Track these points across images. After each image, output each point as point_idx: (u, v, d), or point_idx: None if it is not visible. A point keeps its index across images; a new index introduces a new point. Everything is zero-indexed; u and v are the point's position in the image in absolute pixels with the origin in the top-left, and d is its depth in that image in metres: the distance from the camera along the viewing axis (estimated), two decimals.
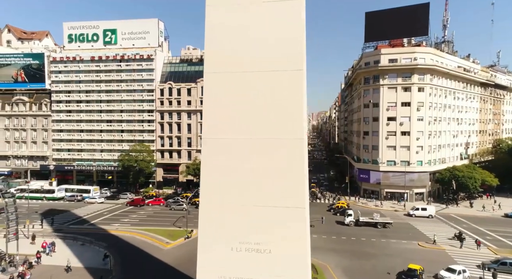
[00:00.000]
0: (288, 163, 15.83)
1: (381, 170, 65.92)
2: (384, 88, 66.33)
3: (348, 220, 49.05)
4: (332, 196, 70.77)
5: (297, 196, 15.72)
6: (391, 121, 65.97)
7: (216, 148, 16.42)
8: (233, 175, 16.25)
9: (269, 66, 15.86)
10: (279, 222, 15.84)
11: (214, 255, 16.29)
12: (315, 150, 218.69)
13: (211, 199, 16.46)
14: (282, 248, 15.80)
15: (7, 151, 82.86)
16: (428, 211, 55.30)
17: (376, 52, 68.44)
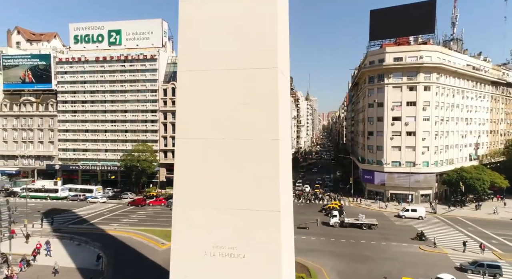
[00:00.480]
0: (262, 165, 15.23)
1: (385, 171, 64.59)
2: (389, 87, 64.96)
3: (333, 221, 48.18)
4: (333, 197, 69.58)
5: (271, 199, 15.10)
6: (396, 121, 64.58)
7: (189, 149, 15.92)
8: (207, 177, 15.73)
9: (244, 64, 15.29)
10: (253, 226, 15.26)
11: (188, 259, 15.79)
12: (324, 151, 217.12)
13: (184, 202, 15.98)
14: (256, 253, 15.20)
15: (15, 150, 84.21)
16: (418, 212, 54.10)
17: (380, 51, 67.12)
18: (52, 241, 38.90)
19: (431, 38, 69.98)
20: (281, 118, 15.53)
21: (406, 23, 66.45)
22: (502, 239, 43.86)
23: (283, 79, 16.17)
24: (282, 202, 15.47)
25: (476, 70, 76.46)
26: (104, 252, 35.79)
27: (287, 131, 17.98)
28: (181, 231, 16.01)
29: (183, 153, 16.04)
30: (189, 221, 15.90)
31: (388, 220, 52.67)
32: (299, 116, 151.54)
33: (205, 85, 15.71)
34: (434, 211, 58.14)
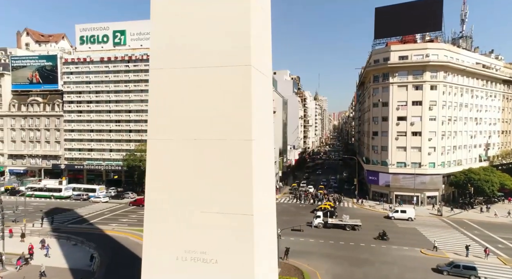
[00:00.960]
0: (235, 166, 14.65)
1: (390, 172, 63.20)
2: (394, 86, 63.53)
3: (316, 222, 47.51)
4: (332, 197, 68.37)
5: (244, 202, 14.51)
6: (401, 121, 63.12)
7: (161, 149, 15.45)
8: (180, 179, 15.23)
9: (216, 61, 14.74)
10: (225, 230, 14.69)
11: (159, 264, 15.32)
12: (333, 151, 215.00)
13: (156, 204, 15.51)
14: (228, 258, 14.63)
15: (23, 150, 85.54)
16: (408, 213, 53.24)
17: (385, 49, 65.74)
18: (49, 240, 39.12)
19: (439, 36, 68.27)
20: (255, 118, 14.90)
21: (412, 20, 64.95)
22: (509, 243, 42.28)
23: (258, 78, 15.54)
24: (256, 206, 14.85)
25: (486, 68, 74.24)
26: (99, 253, 35.70)
27: (266, 131, 17.31)
28: (152, 234, 15.55)
29: (154, 154, 15.58)
30: (160, 224, 15.42)
31: (391, 223, 51.41)
32: (306, 116, 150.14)
33: (177, 84, 15.22)
34: (440, 213, 56.56)
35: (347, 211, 59.03)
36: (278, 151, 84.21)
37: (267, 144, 17.69)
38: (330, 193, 71.92)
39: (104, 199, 63.26)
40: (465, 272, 31.08)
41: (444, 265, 32.68)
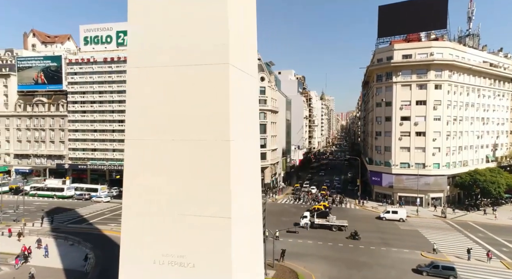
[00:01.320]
0: (213, 168, 14.23)
1: (393, 172, 62.19)
2: (397, 85, 62.51)
3: (303, 222, 47.17)
4: (332, 198, 67.53)
5: (222, 205, 14.08)
6: (404, 121, 62.07)
7: (139, 150, 15.10)
8: (157, 180, 14.87)
9: (194, 59, 14.35)
10: (203, 233, 14.29)
11: (137, 267, 14.98)
12: (339, 151, 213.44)
13: (133, 206, 15.17)
14: (206, 262, 14.23)
15: (28, 150, 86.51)
16: (399, 214, 52.70)
17: (389, 48, 64.72)
18: (47, 240, 39.23)
19: (444, 34, 66.98)
20: (235, 118, 14.47)
21: (416, 18, 63.91)
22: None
23: (238, 76, 15.11)
24: (235, 208, 14.41)
25: (494, 67, 72.64)
26: (95, 253, 35.66)
27: (249, 131, 16.86)
28: (130, 237, 15.21)
29: (132, 155, 15.24)
30: (138, 226, 15.08)
31: (393, 224, 50.51)
32: (311, 116, 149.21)
33: (154, 83, 14.87)
34: (444, 215, 55.40)
35: (348, 212, 58.32)
36: (281, 151, 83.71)
37: (251, 145, 17.24)
38: (333, 194, 71.06)
39: (106, 199, 63.48)
40: (444, 273, 31.09)
41: (424, 265, 32.73)
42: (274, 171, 77.04)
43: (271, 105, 71.60)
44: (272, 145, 73.59)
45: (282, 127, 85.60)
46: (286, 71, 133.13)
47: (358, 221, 51.82)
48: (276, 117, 78.57)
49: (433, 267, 31.77)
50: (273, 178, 75.25)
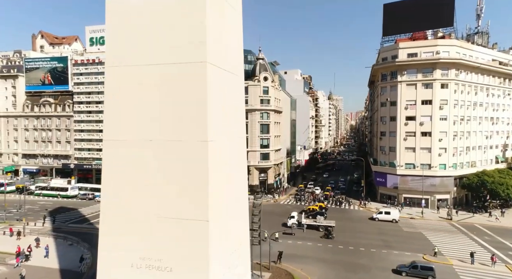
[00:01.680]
0: (190, 169, 13.88)
1: (398, 173, 61.03)
2: (402, 85, 61.34)
3: (290, 222, 46.88)
4: (337, 199, 66.68)
5: (199, 208, 13.72)
6: (410, 121, 60.86)
7: (117, 150, 14.85)
8: (135, 182, 14.58)
9: (172, 57, 14.04)
10: (180, 236, 13.95)
11: (114, 271, 14.72)
12: (347, 151, 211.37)
13: (111, 207, 14.91)
14: (183, 266, 13.89)
15: (36, 150, 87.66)
16: (392, 215, 52.15)
17: (393, 47, 63.57)
18: (47, 240, 39.43)
19: (451, 32, 65.53)
20: (214, 118, 14.09)
21: (422, 16, 62.72)
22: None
23: (218, 75, 14.72)
24: (213, 211, 14.01)
25: (503, 65, 70.80)
26: (93, 253, 35.64)
27: (232, 132, 16.45)
28: (107, 240, 14.96)
29: (109, 156, 15.00)
30: (115, 229, 14.82)
31: (397, 227, 49.51)
32: (318, 116, 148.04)
33: (133, 82, 14.60)
34: (450, 217, 54.11)
35: (350, 213, 57.47)
36: (285, 151, 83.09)
37: (235, 145, 16.84)
38: (337, 195, 70.16)
39: None
40: (423, 273, 31.23)
41: (404, 265, 32.75)
42: (278, 172, 76.49)
43: (274, 105, 71.09)
44: (276, 145, 73.06)
45: (287, 127, 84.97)
46: (292, 71, 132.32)
47: (360, 223, 51.06)
48: (280, 117, 77.98)
49: (412, 267, 31.87)
50: (276, 178, 74.69)
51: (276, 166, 74.03)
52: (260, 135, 68.98)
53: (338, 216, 54.40)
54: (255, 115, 68.53)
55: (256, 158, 68.97)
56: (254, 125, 68.54)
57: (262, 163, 69.26)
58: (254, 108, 68.46)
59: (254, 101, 68.70)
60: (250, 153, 69.01)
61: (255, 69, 70.36)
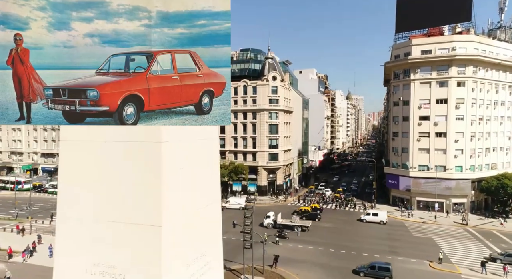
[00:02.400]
0: (144, 172, 13.17)
1: (410, 175, 58.51)
2: (416, 83, 58.77)
3: (266, 222, 47.16)
4: (347, 201, 64.69)
5: (152, 212, 12.96)
6: (423, 121, 58.25)
7: (72, 151, 14.34)
8: (89, 184, 14.04)
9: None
10: (132, 242, 13.24)
11: (69, 277, 14.24)
12: (366, 152, 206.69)
13: (66, 210, 14.43)
14: (135, 273, 13.20)
15: (53, 149, 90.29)
16: (380, 216, 51.36)
17: (406, 43, 61.04)
18: (51, 238, 40.06)
19: (470, 27, 62.22)
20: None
21: (438, 11, 59.74)
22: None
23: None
24: (167, 216, 13.25)
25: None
26: None
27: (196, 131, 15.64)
28: (63, 244, 14.49)
29: (65, 156, 14.49)
30: (70, 233, 14.33)
31: (406, 231, 47.34)
32: (334, 116, 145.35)
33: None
34: (465, 222, 51.28)
35: (357, 216, 55.44)
36: (296, 152, 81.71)
37: (198, 148, 16.03)
38: (347, 197, 68.19)
39: None
40: (380, 273, 31.50)
41: (362, 266, 32.95)
42: (288, 172, 75.26)
43: (283, 104, 69.90)
44: (285, 145, 71.85)
45: (298, 127, 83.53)
46: (307, 70, 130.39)
47: (366, 227, 49.16)
48: (291, 117, 76.70)
49: (370, 267, 32.22)
50: (286, 179, 73.48)
51: (286, 167, 72.83)
52: (269, 135, 67.99)
53: (344, 219, 52.80)
54: (263, 115, 67.63)
55: (265, 159, 68.04)
56: (263, 125, 67.63)
57: (270, 163, 68.26)
58: (262, 108, 67.57)
59: (262, 101, 67.79)
60: (259, 153, 68.21)
61: (263, 69, 69.46)
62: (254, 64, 72.45)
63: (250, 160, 69.01)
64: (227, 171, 63.83)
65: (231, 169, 63.77)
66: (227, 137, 70.71)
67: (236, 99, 70.08)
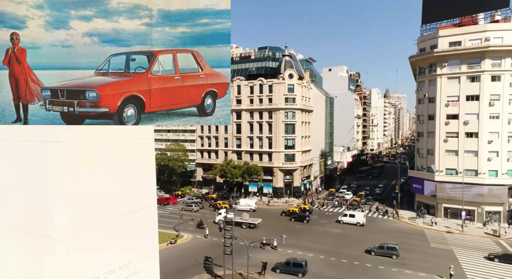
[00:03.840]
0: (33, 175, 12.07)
1: (436, 179, 53.38)
2: (442, 78, 53.53)
3: (217, 219, 47.98)
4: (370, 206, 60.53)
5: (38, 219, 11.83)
6: (451, 120, 52.89)
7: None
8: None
9: None
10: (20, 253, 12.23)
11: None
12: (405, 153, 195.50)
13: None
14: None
15: None
16: (356, 218, 49.76)
17: (432, 35, 55.82)
18: None
19: (509, 15, 55.51)
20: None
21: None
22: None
23: None
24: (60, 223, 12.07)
25: None
26: None
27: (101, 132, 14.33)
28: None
29: None
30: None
31: (424, 241, 43.01)
32: (367, 115, 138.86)
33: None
34: (497, 234, 45.65)
35: (373, 222, 51.50)
36: (318, 152, 78.52)
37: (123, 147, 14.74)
38: (369, 201, 64.03)
39: None
40: (294, 269, 32.06)
41: (280, 263, 33.31)
42: (307, 174, 72.41)
43: (300, 103, 67.20)
44: (304, 146, 69.11)
45: (320, 127, 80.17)
46: (336, 68, 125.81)
47: (379, 233, 45.21)
48: (311, 116, 73.71)
49: (285, 263, 32.70)
50: (305, 181, 70.68)
51: (304, 168, 70.05)
52: (285, 135, 65.71)
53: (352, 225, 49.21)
54: (279, 114, 65.50)
55: (280, 160, 65.87)
56: (278, 125, 65.52)
57: (286, 164, 65.93)
58: (278, 107, 65.46)
59: (278, 100, 65.68)
60: (274, 154, 66.19)
61: (280, 67, 67.29)
62: (272, 62, 70.49)
63: (266, 161, 67.18)
64: (240, 171, 62.60)
65: (244, 169, 62.42)
66: (243, 137, 69.47)
67: (252, 98, 68.62)
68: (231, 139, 71.32)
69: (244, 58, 73.97)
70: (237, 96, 70.10)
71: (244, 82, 69.59)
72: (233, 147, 70.66)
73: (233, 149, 70.55)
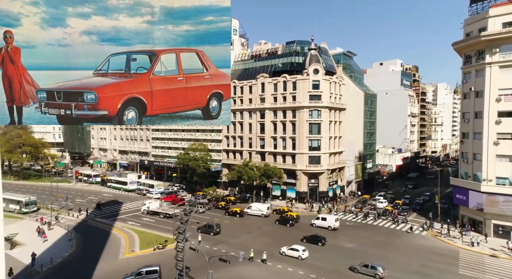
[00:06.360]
0: None
1: (482, 190, 44.02)
2: (493, 67, 43.92)
3: (142, 209, 54.32)
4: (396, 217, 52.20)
5: None
6: (504, 118, 43.19)
7: None
8: None
9: None
10: None
11: None
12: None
13: None
14: None
15: (126, 147, 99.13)
16: (328, 221, 47.93)
17: (481, 16, 46.14)
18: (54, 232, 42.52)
19: None
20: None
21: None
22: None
23: None
24: None
25: None
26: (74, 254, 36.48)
27: None
28: None
29: None
30: None
31: (452, 265, 35.11)
32: (426, 113, 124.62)
33: None
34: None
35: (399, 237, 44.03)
36: (354, 155, 71.44)
37: None
38: (404, 211, 55.75)
39: (156, 195, 66.00)
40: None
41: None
42: (338, 178, 66.05)
43: (328, 101, 61.15)
44: (332, 147, 62.97)
45: (357, 126, 72.74)
46: (388, 62, 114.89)
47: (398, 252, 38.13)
48: (343, 115, 67.05)
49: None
50: (334, 185, 64.43)
51: (333, 172, 63.88)
52: (309, 135, 60.39)
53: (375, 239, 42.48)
54: (302, 113, 60.38)
55: (304, 162, 60.72)
56: (302, 125, 60.45)
57: (310, 167, 60.54)
58: (301, 106, 60.40)
59: (302, 98, 60.60)
60: (298, 155, 61.29)
61: (305, 61, 62.07)
62: (299, 58, 65.45)
63: (290, 163, 62.58)
64: (258, 173, 59.04)
65: (262, 171, 58.69)
66: (267, 137, 65.70)
67: (275, 96, 64.52)
68: (255, 139, 68.01)
69: (271, 54, 70.01)
70: (261, 94, 66.55)
71: (268, 79, 65.76)
72: (256, 148, 67.30)
73: (257, 150, 67.18)
